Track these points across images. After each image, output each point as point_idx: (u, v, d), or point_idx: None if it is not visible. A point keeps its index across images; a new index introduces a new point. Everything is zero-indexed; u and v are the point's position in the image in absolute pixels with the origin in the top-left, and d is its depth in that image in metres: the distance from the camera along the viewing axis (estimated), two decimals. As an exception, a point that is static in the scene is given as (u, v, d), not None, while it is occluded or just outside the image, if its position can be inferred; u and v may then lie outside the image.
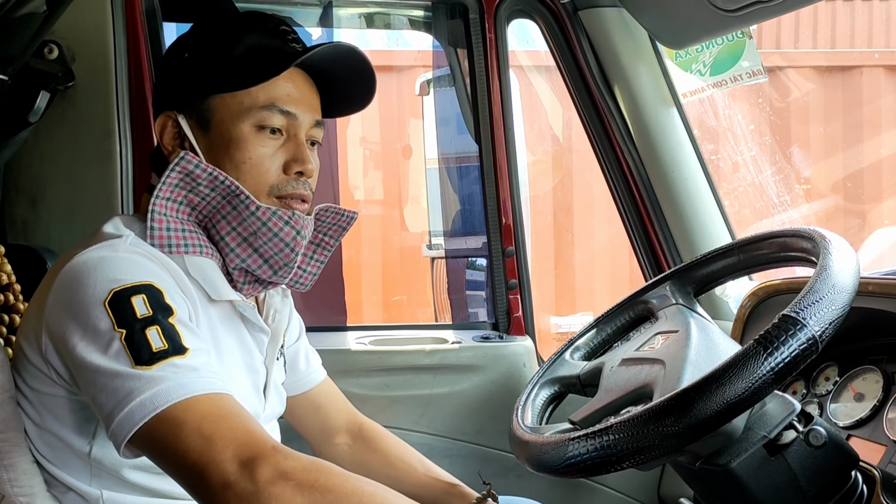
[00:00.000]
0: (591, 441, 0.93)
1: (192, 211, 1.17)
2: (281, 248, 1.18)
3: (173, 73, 1.22)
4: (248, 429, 0.99)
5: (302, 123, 1.20)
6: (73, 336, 1.03)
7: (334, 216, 1.31)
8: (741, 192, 2.51)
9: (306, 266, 1.30)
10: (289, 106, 1.18)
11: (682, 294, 1.28)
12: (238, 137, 1.16)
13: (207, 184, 1.15)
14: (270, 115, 1.17)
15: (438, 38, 2.02)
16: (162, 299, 1.05)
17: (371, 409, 1.81)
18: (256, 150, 1.16)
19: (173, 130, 1.19)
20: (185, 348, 1.02)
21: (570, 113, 4.13)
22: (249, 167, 1.16)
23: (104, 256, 1.07)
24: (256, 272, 1.20)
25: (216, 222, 1.17)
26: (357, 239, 4.50)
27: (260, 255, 1.18)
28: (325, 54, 1.19)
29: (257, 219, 1.16)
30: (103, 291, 1.03)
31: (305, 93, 1.21)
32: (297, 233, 1.18)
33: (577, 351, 1.32)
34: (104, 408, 1.00)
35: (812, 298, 0.92)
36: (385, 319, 4.63)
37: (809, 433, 1.00)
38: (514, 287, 1.99)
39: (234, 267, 1.19)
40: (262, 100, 1.16)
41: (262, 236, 1.17)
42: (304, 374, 1.46)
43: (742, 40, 1.75)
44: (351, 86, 1.27)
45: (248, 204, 1.15)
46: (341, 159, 4.34)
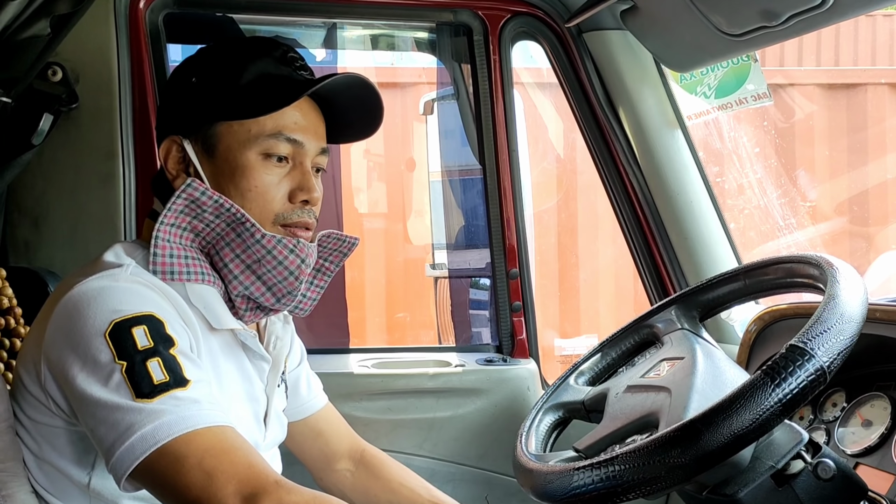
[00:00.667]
0: (597, 471, 0.92)
1: (196, 237, 1.17)
2: (285, 277, 1.17)
3: (180, 97, 1.21)
4: (250, 463, 0.98)
5: (308, 151, 1.19)
6: (73, 368, 1.02)
7: (336, 242, 1.31)
8: (746, 215, 2.50)
9: (306, 292, 1.29)
10: (296, 134, 1.17)
11: (687, 319, 1.27)
12: (244, 165, 1.15)
13: (213, 211, 1.14)
14: (277, 143, 1.16)
15: (443, 59, 2.02)
16: (163, 330, 1.04)
17: (374, 433, 1.80)
18: (262, 178, 1.16)
19: (178, 155, 1.19)
20: (186, 380, 1.01)
21: (573, 131, 4.13)
22: (255, 195, 1.16)
23: (104, 286, 1.06)
24: (259, 299, 1.19)
25: (220, 249, 1.17)
26: (360, 259, 4.50)
27: (263, 282, 1.17)
28: (335, 85, 1.19)
29: (262, 246, 1.15)
30: (104, 322, 1.02)
31: (312, 120, 1.21)
32: (301, 261, 1.18)
33: (582, 376, 1.31)
34: (104, 441, 0.99)
35: (820, 328, 0.92)
36: (388, 341, 4.61)
37: (818, 465, 0.99)
38: (517, 309, 1.97)
39: (236, 294, 1.18)
40: (269, 128, 1.16)
41: (267, 264, 1.16)
42: (305, 400, 1.45)
43: (747, 63, 1.75)
44: (358, 114, 1.27)
45: (253, 231, 1.15)
46: (345, 173, 4.34)
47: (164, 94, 1.25)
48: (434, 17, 1.96)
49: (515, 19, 1.91)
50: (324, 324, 2.17)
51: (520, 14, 1.91)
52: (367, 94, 1.24)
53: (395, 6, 1.92)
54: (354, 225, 4.51)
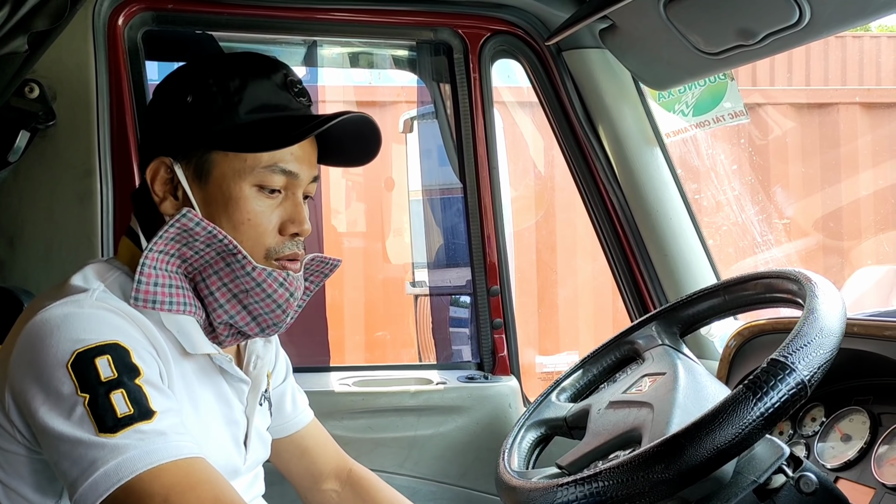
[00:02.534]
0: (580, 487, 0.92)
1: (182, 263, 1.13)
2: (272, 309, 1.15)
3: (172, 117, 1.16)
4: (217, 497, 0.97)
5: (301, 182, 1.17)
6: (36, 399, 0.99)
7: (319, 264, 1.29)
8: (725, 231, 2.53)
9: None
10: (291, 165, 1.14)
11: (668, 335, 1.28)
12: (238, 196, 1.13)
13: (204, 240, 1.11)
14: (273, 175, 1.13)
15: (423, 77, 2.03)
16: (128, 359, 1.01)
17: (355, 451, 1.77)
18: (255, 209, 1.13)
19: (166, 177, 1.15)
20: (152, 412, 0.99)
21: (552, 150, 4.15)
22: (247, 228, 1.13)
23: (68, 313, 1.03)
24: (243, 328, 1.17)
25: (206, 276, 1.14)
26: (340, 278, 4.48)
27: (249, 312, 1.15)
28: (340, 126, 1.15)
29: (252, 279, 1.13)
30: (66, 353, 0.99)
31: (307, 150, 1.18)
32: (290, 294, 1.16)
33: (564, 392, 1.31)
34: (67, 476, 0.97)
35: (800, 342, 0.92)
36: (368, 359, 4.59)
37: (800, 479, 1.00)
38: (498, 326, 1.97)
39: (220, 322, 1.15)
40: (266, 160, 1.13)
41: (255, 296, 1.14)
42: (290, 416, 1.43)
43: (724, 82, 1.77)
44: (353, 144, 1.24)
45: (244, 264, 1.12)
46: (324, 192, 4.33)
47: (153, 111, 1.21)
48: (414, 36, 1.97)
49: (495, 38, 1.92)
50: (304, 342, 2.15)
51: (500, 33, 1.92)
52: (368, 132, 1.22)
53: (375, 25, 1.92)
54: (334, 244, 4.50)
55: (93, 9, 1.68)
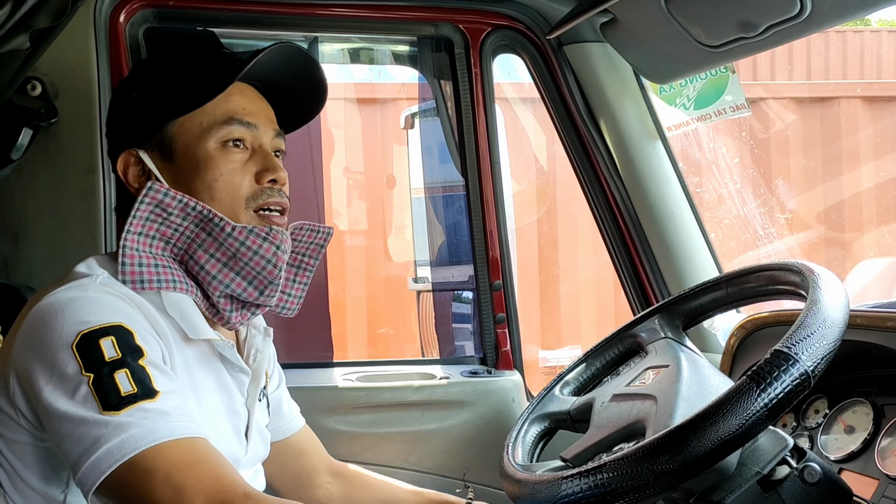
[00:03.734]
0: (585, 479, 0.92)
1: (167, 245, 1.15)
2: (263, 266, 1.16)
3: (123, 112, 1.22)
4: (218, 475, 0.97)
5: (264, 134, 1.20)
6: (40, 380, 1.00)
7: (310, 234, 1.30)
8: (727, 225, 2.52)
9: (290, 290, 1.29)
10: (248, 118, 1.18)
11: (670, 328, 1.28)
12: (205, 157, 1.16)
13: (179, 212, 1.13)
14: (231, 128, 1.17)
15: (424, 73, 2.03)
16: (132, 340, 1.03)
17: (359, 446, 1.79)
18: (225, 165, 1.16)
19: (137, 168, 1.19)
20: (155, 391, 1.00)
21: (554, 145, 4.15)
22: (222, 184, 1.16)
23: (72, 297, 1.05)
24: (242, 295, 1.18)
25: (193, 252, 1.16)
26: (342, 273, 4.48)
27: (243, 276, 1.16)
28: (270, 60, 1.19)
29: (235, 239, 1.14)
30: (70, 334, 1.01)
31: (260, 105, 1.22)
32: (276, 248, 1.17)
33: (567, 386, 1.31)
34: (70, 455, 0.98)
35: (803, 333, 0.92)
36: (371, 355, 4.59)
37: (804, 470, 1.00)
38: (501, 321, 1.97)
39: (218, 295, 1.17)
40: (220, 115, 1.16)
41: (243, 257, 1.15)
42: (288, 419, 1.45)
43: (725, 75, 1.77)
44: (303, 90, 1.28)
45: (223, 226, 1.14)
46: (326, 192, 4.33)
47: (110, 116, 1.26)
48: (415, 31, 1.97)
49: (496, 33, 1.92)
50: (307, 338, 2.16)
51: (500, 27, 1.92)
52: (306, 68, 1.25)
53: (375, 20, 1.92)
54: (336, 242, 4.49)
55: (94, 6, 1.68)
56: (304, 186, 2.09)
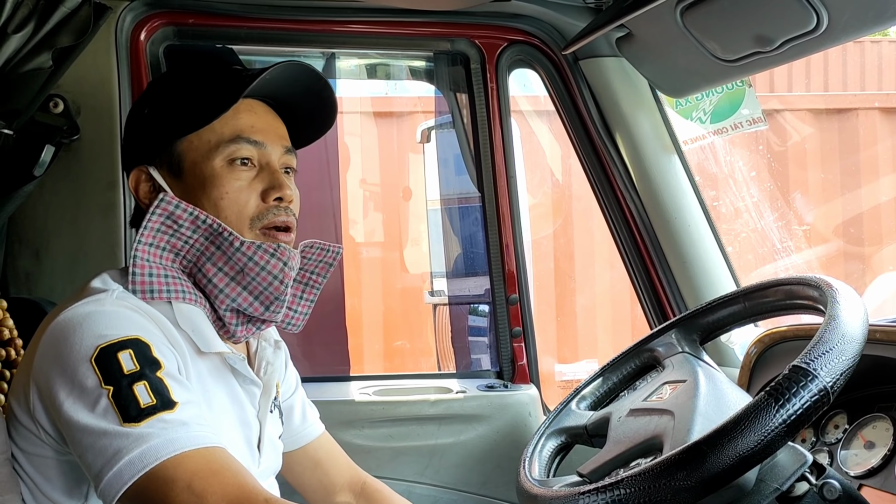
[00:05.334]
0: (602, 495, 0.92)
1: (176, 257, 1.17)
2: (270, 282, 1.17)
3: (136, 129, 1.23)
4: (240, 483, 0.98)
5: (272, 152, 1.20)
6: (61, 394, 1.02)
7: (319, 252, 1.31)
8: (744, 238, 2.51)
9: (296, 306, 1.29)
10: (255, 136, 1.19)
11: (687, 342, 1.27)
12: (212, 175, 1.16)
13: (189, 224, 1.15)
14: (239, 147, 1.17)
15: (440, 87, 2.04)
16: (149, 353, 1.04)
17: (375, 460, 1.79)
18: (232, 184, 1.17)
19: (147, 184, 1.20)
20: (173, 402, 1.01)
21: (570, 158, 4.15)
22: (228, 202, 1.16)
23: (90, 312, 1.06)
24: (248, 310, 1.19)
25: (202, 265, 1.17)
26: (359, 286, 4.49)
27: (249, 291, 1.17)
28: (278, 77, 1.20)
29: (243, 254, 1.15)
30: (89, 348, 1.02)
31: (270, 122, 1.23)
32: (284, 264, 1.18)
33: (584, 400, 1.31)
34: (93, 467, 0.99)
35: (822, 349, 0.92)
36: (387, 369, 4.58)
37: (823, 486, 0.99)
38: (518, 335, 1.97)
39: (225, 308, 1.18)
40: (227, 134, 1.17)
41: (250, 272, 1.16)
42: (299, 429, 1.44)
43: (742, 88, 1.76)
44: (313, 107, 1.28)
45: (231, 241, 1.15)
46: (343, 206, 4.34)
47: (125, 132, 1.28)
48: (431, 47, 1.99)
49: (512, 48, 1.93)
50: (324, 352, 2.16)
51: (516, 42, 1.93)
52: (315, 84, 1.25)
53: (392, 36, 1.94)
54: (352, 254, 4.51)
55: (116, 24, 1.71)
56: (321, 199, 2.10)
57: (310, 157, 1.59)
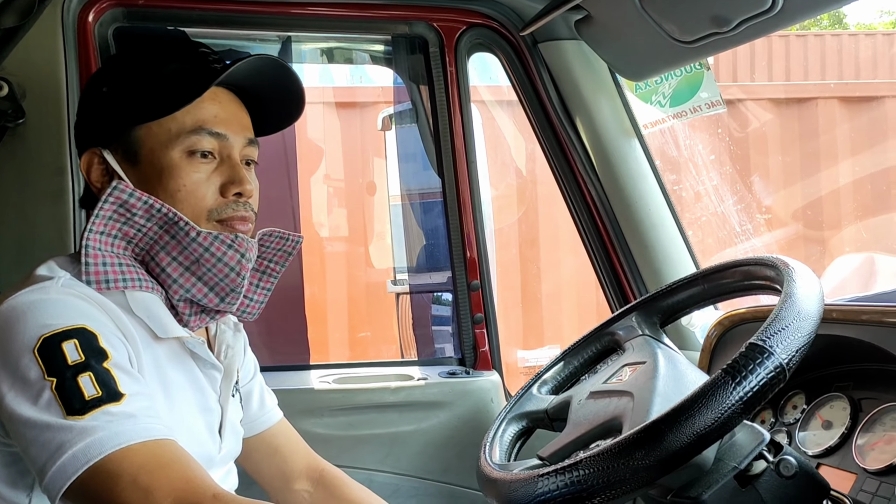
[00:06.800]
0: (561, 477, 0.91)
1: (128, 245, 1.13)
2: (226, 274, 1.14)
3: (92, 108, 1.18)
4: (188, 477, 0.95)
5: (234, 144, 1.17)
6: (3, 386, 0.98)
7: (279, 241, 1.28)
8: (704, 222, 2.53)
9: (252, 294, 1.26)
10: (218, 127, 1.15)
11: (648, 325, 1.28)
12: (169, 165, 1.12)
13: (143, 213, 1.11)
14: (200, 138, 1.13)
15: (399, 72, 2.01)
16: (96, 343, 1.01)
17: (335, 449, 1.77)
18: (190, 176, 1.13)
19: (100, 167, 1.16)
20: (120, 394, 0.98)
21: (533, 146, 4.15)
22: (185, 195, 1.13)
23: (34, 300, 1.03)
24: (202, 301, 1.15)
25: (155, 254, 1.13)
26: (321, 275, 4.46)
27: (204, 283, 1.14)
28: (246, 69, 1.16)
29: (199, 245, 1.12)
30: (32, 338, 0.99)
31: (234, 112, 1.19)
32: (241, 256, 1.15)
33: (545, 385, 1.31)
34: (36, 461, 0.96)
35: (778, 326, 0.92)
36: (350, 357, 4.56)
37: (780, 463, 1.00)
38: (479, 321, 1.96)
39: (178, 298, 1.15)
40: (189, 124, 1.13)
41: (206, 263, 1.13)
42: (257, 415, 1.41)
43: (700, 72, 1.76)
44: (280, 100, 1.24)
45: (187, 230, 1.12)
46: (304, 196, 4.30)
47: (79, 110, 1.23)
48: (389, 30, 1.95)
49: (471, 31, 1.91)
50: (283, 340, 2.14)
51: (475, 25, 1.91)
52: (284, 76, 1.22)
53: (349, 19, 1.91)
54: (313, 244, 4.47)
55: (62, 5, 1.65)
56: (279, 190, 2.07)
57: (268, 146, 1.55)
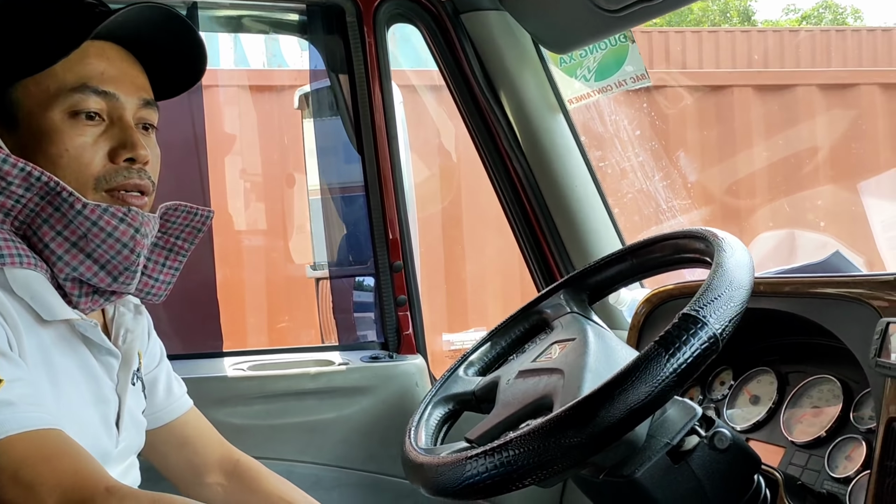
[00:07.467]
0: (490, 458, 0.87)
1: (6, 217, 1.02)
2: (118, 251, 1.03)
3: None
4: (76, 469, 0.87)
5: (126, 104, 1.06)
6: None
7: (185, 216, 1.17)
8: (630, 198, 2.54)
9: (158, 274, 1.16)
10: (105, 85, 1.04)
11: (576, 302, 1.25)
12: (50, 128, 1.01)
13: (20, 181, 0.99)
14: (84, 97, 1.02)
15: (315, 45, 1.91)
16: None
17: (252, 440, 1.68)
18: (73, 140, 1.02)
19: None
20: None
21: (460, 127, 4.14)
22: (68, 161, 1.02)
23: None
24: (92, 281, 1.05)
25: (37, 228, 1.02)
26: (236, 257, 4.32)
27: (94, 260, 1.03)
28: (135, 18, 1.05)
29: (85, 218, 1.01)
30: None
31: (125, 70, 1.07)
32: (135, 231, 1.04)
33: (472, 366, 1.27)
34: None
35: (711, 296, 0.90)
36: (266, 345, 4.43)
37: (714, 436, 0.99)
38: (403, 303, 1.90)
39: (64, 277, 1.03)
40: (70, 81, 1.02)
41: (95, 238, 1.02)
42: (164, 404, 1.30)
43: (625, 44, 1.74)
44: (178, 57, 1.13)
45: (72, 202, 1.01)
46: (218, 186, 4.15)
47: None
48: (304, -1, 1.86)
49: (390, 0, 1.83)
50: (193, 327, 2.02)
51: (395, -6, 1.83)
52: (180, 29, 1.11)
53: (262, -14, 1.81)
54: (226, 224, 4.33)
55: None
56: (187, 169, 1.95)
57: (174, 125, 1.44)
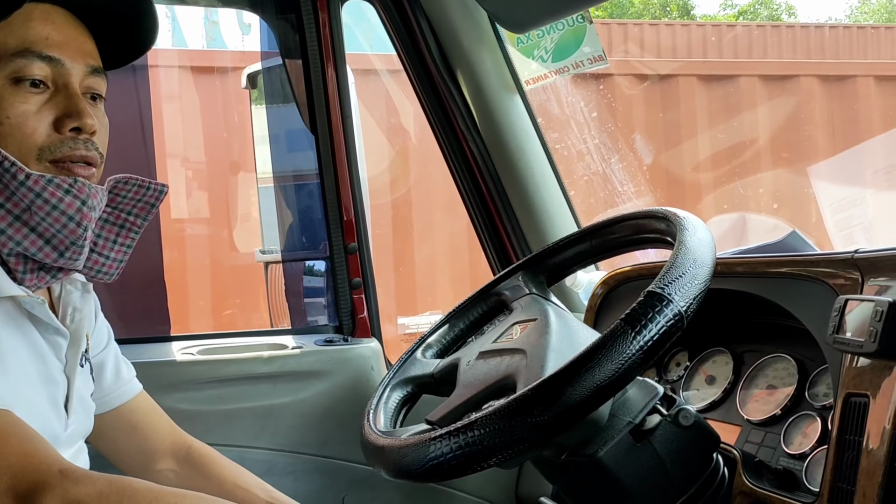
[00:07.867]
0: (455, 439, 0.86)
1: None
2: (64, 224, 0.99)
3: None
4: (27, 452, 0.83)
5: (72, 71, 1.01)
6: None
7: (137, 190, 1.12)
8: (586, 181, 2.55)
9: (108, 252, 1.11)
10: (50, 51, 0.99)
11: (535, 283, 1.25)
12: None
13: None
14: (27, 63, 0.97)
15: (266, 18, 1.86)
16: None
17: (203, 425, 1.63)
18: (15, 107, 0.97)
19: None
20: None
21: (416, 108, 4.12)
22: (9, 129, 0.96)
23: None
24: (37, 256, 1.00)
25: None
26: (182, 240, 4.22)
27: (39, 234, 0.99)
28: None
29: (29, 189, 0.96)
30: None
31: (71, 35, 1.02)
32: (82, 203, 1.00)
33: (430, 349, 1.26)
34: None
35: (675, 274, 0.91)
36: (215, 329, 4.34)
37: (679, 413, 1.00)
38: (357, 286, 1.87)
39: (7, 252, 0.99)
40: (12, 46, 0.97)
41: (39, 211, 0.97)
42: (112, 388, 1.26)
43: (583, 25, 1.73)
44: (127, 22, 1.08)
45: (14, 173, 0.96)
46: (161, 170, 4.04)
47: None
48: (255, -29, 1.81)
49: (344, -25, 1.79)
50: (140, 311, 1.96)
51: (348, -32, 1.79)
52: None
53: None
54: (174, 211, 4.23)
55: None
56: (133, 146, 1.89)
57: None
